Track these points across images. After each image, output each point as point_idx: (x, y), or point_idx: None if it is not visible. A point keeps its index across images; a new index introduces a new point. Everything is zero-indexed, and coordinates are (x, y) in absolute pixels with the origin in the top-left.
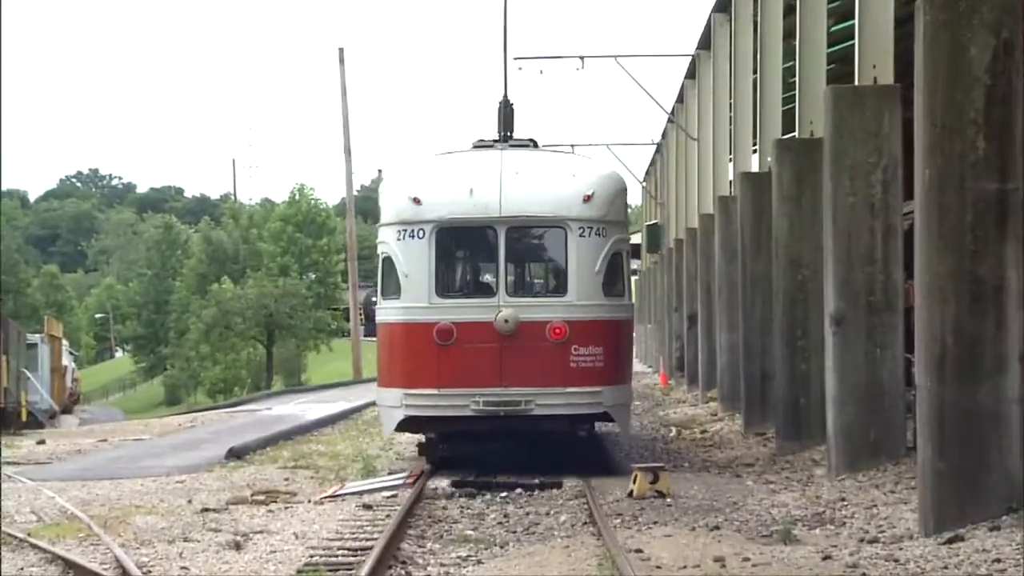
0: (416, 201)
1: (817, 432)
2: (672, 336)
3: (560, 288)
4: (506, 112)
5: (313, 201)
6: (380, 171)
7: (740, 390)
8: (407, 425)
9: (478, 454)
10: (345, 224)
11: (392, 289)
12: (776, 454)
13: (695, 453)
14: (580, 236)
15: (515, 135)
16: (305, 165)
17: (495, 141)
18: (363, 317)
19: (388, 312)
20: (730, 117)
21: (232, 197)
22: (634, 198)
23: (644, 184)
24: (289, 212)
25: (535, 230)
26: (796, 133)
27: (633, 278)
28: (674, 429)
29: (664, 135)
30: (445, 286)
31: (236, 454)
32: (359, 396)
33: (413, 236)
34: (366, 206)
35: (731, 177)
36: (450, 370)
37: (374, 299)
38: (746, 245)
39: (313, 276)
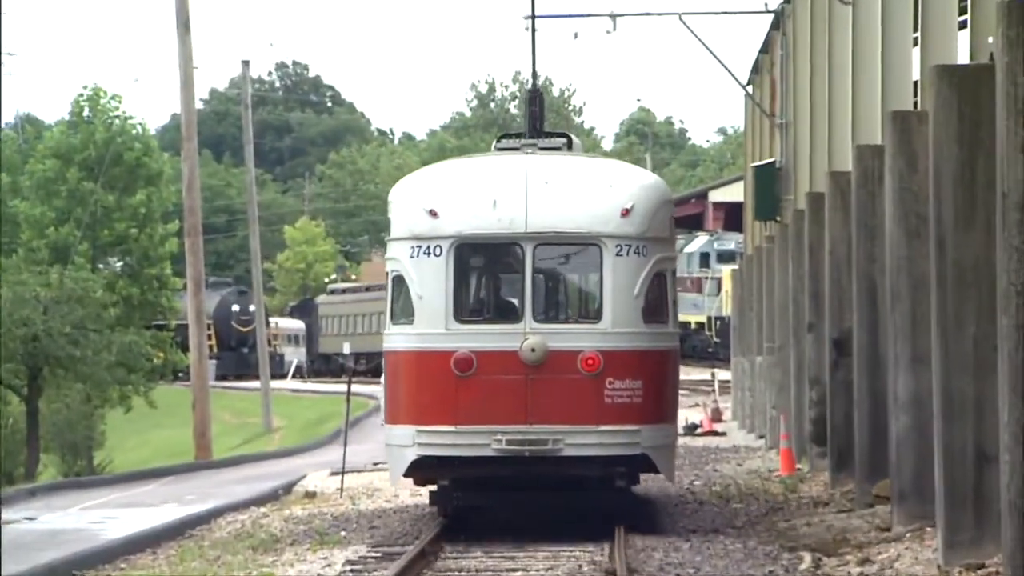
0: (432, 214)
1: None
2: (804, 379)
3: (594, 313)
4: (536, 105)
5: (118, 122)
6: (246, 63)
7: (936, 482)
8: (418, 469)
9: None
10: (182, 165)
11: (403, 313)
12: None
13: None
14: (617, 255)
15: (542, 123)
16: (103, 56)
17: (520, 137)
18: (214, 342)
19: (398, 339)
20: None
21: None
22: (734, 117)
23: (749, 91)
24: (71, 143)
25: (566, 248)
26: None
27: (724, 269)
28: (807, 556)
29: None
30: (464, 310)
31: None
32: (206, 492)
33: (428, 253)
34: (221, 132)
35: (916, 76)
36: (469, 405)
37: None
38: (944, 205)
39: (119, 264)
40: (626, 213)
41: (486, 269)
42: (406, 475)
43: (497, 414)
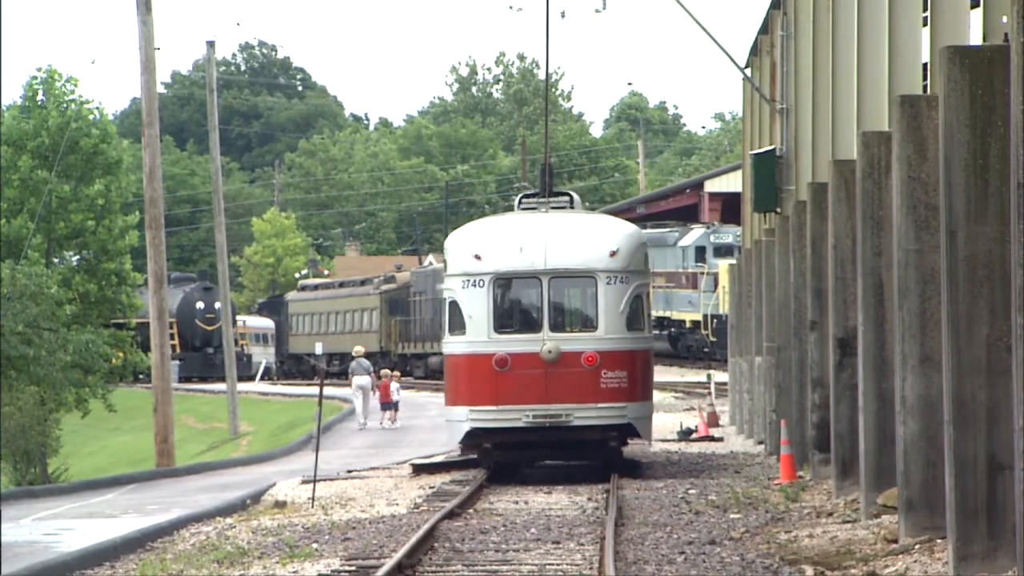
0: (477, 257)
1: None
2: (806, 381)
3: (592, 325)
4: (547, 175)
5: (74, 106)
6: (210, 44)
7: (946, 491)
8: (470, 438)
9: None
10: (143, 152)
11: (458, 327)
12: None
13: None
14: (607, 284)
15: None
16: (58, 36)
17: (537, 196)
18: (176, 342)
19: (455, 345)
20: None
21: None
22: (731, 102)
23: (748, 74)
24: (24, 129)
25: (572, 279)
26: None
27: (721, 264)
28: (810, 570)
29: None
30: (501, 324)
31: None
32: (169, 501)
33: (475, 285)
34: (184, 117)
35: (926, 58)
36: (506, 390)
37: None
38: (955, 195)
39: (76, 258)
40: (613, 254)
41: (516, 295)
42: (461, 442)
43: (525, 397)
